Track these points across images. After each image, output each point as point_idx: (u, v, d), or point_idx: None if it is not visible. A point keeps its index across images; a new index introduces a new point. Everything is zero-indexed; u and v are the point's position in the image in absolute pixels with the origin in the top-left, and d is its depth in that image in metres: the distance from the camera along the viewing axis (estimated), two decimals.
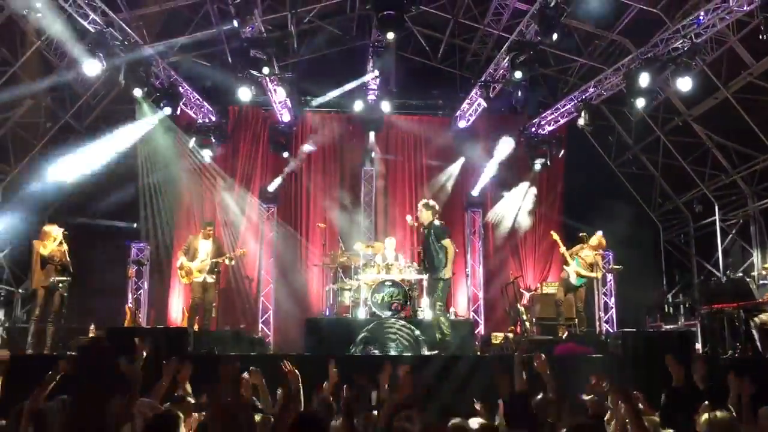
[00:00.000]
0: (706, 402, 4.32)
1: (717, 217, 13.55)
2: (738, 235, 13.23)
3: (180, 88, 12.05)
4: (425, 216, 9.12)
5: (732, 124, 12.12)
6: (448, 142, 14.12)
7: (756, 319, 9.20)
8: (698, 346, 10.57)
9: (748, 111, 11.65)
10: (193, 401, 4.82)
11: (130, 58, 10.51)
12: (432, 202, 9.40)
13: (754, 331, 9.19)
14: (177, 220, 13.48)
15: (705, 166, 13.45)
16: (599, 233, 10.67)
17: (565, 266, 10.62)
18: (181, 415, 3.78)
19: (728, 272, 11.11)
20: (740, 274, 10.27)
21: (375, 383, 5.20)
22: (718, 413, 4.00)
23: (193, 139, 12.81)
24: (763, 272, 9.88)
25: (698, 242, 14.41)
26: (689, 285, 14.05)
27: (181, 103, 12.17)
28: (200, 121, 13.08)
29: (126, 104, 12.46)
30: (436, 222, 9.08)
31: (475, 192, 14.26)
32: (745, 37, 10.62)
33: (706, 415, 3.95)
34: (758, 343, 9.15)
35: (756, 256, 12.39)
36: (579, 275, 10.45)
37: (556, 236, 11.02)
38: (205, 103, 12.99)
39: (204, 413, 4.39)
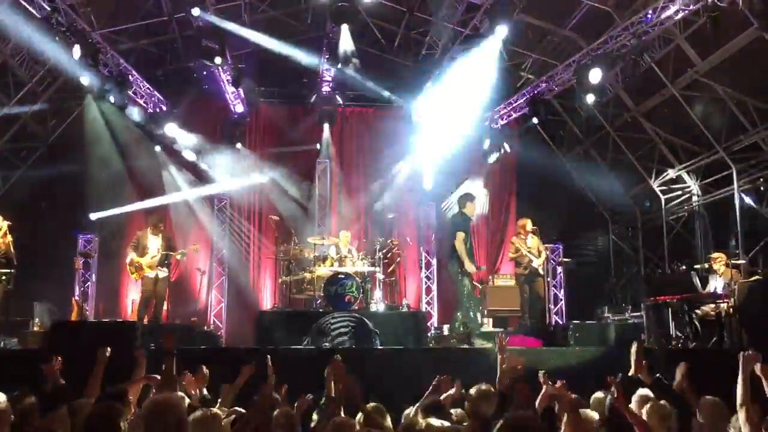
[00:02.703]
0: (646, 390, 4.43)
1: (663, 210, 13.88)
2: (683, 228, 13.58)
3: (130, 77, 11.80)
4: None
5: (679, 120, 12.42)
6: (402, 135, 14.13)
7: (698, 311, 9.47)
8: (643, 336, 10.84)
9: (693, 108, 11.94)
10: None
11: (78, 44, 10.25)
12: (464, 193, 9.46)
13: (696, 323, 9.46)
14: (127, 210, 13.22)
15: (652, 161, 13.76)
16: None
17: (535, 258, 10.58)
18: (122, 409, 3.72)
19: (673, 265, 11.38)
20: (684, 267, 10.53)
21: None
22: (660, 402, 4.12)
23: (144, 129, 12.60)
24: (706, 265, 10.16)
25: (645, 235, 14.74)
26: (636, 277, 14.36)
27: (130, 92, 11.94)
28: (150, 110, 12.83)
29: (74, 92, 12.16)
30: (455, 213, 9.15)
31: (428, 185, 14.32)
32: (692, 35, 10.87)
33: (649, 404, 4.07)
34: (700, 334, 9.42)
35: (700, 250, 12.74)
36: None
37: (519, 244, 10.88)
38: (156, 93, 12.76)
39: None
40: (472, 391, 4.45)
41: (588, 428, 3.49)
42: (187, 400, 4.40)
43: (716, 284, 9.71)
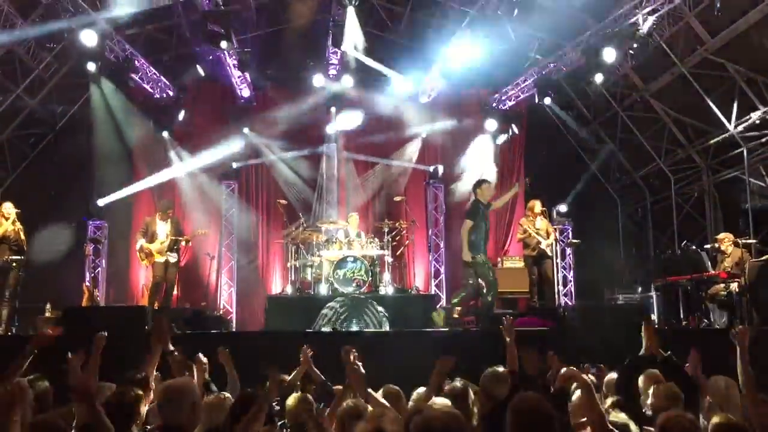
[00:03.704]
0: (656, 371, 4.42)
1: (673, 191, 13.81)
2: (693, 208, 13.51)
3: (136, 62, 11.78)
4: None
5: (689, 99, 12.31)
6: (409, 117, 14.06)
7: (709, 291, 9.45)
8: (654, 317, 10.84)
9: (703, 86, 11.83)
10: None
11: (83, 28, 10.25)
12: (477, 180, 9.40)
13: (706, 303, 9.45)
14: (135, 196, 13.25)
15: (662, 141, 13.67)
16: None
17: (544, 239, 10.57)
18: (142, 394, 3.75)
19: (683, 245, 11.34)
20: (694, 247, 10.49)
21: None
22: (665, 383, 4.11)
23: (151, 114, 12.60)
24: (716, 245, 10.12)
25: (655, 216, 14.69)
26: (646, 258, 14.33)
27: (137, 78, 11.92)
28: (157, 95, 12.82)
29: (80, 78, 12.15)
30: (471, 201, 9.18)
31: (436, 167, 14.28)
32: (701, 12, 10.75)
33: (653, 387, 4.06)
34: (711, 314, 9.42)
35: (709, 229, 12.68)
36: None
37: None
38: (162, 78, 12.73)
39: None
40: (486, 373, 4.45)
41: (601, 411, 3.48)
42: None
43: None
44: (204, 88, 13.68)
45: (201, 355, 4.77)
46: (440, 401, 3.93)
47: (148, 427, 3.90)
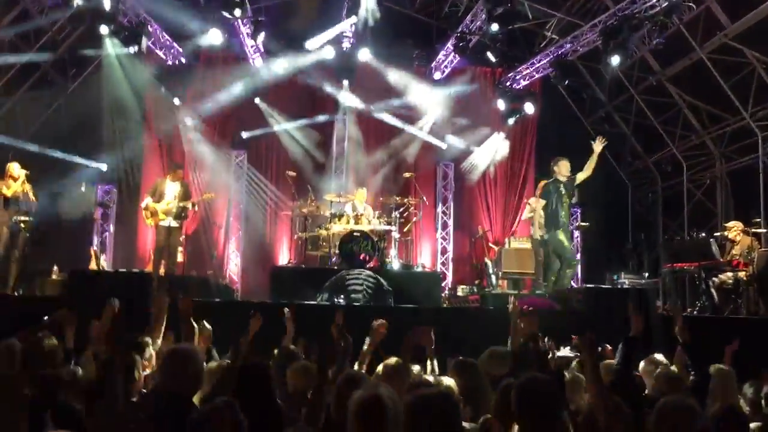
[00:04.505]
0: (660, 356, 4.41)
1: (685, 177, 13.70)
2: (704, 195, 13.41)
3: (149, 27, 11.71)
4: None
5: (705, 85, 12.15)
6: (422, 93, 13.95)
7: (715, 278, 9.41)
8: (659, 303, 10.81)
9: (721, 72, 11.67)
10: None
11: None
12: (555, 158, 9.73)
13: (712, 290, 9.41)
14: (145, 162, 13.27)
15: (676, 127, 13.53)
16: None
17: None
18: (138, 358, 3.77)
19: (692, 232, 11.28)
20: (703, 235, 10.42)
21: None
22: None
23: (163, 80, 12.57)
24: (726, 233, 10.05)
25: (665, 202, 14.60)
26: (654, 243, 14.26)
27: (149, 43, 11.86)
28: (170, 62, 12.77)
29: (93, 41, 12.08)
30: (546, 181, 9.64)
31: (447, 145, 14.21)
32: None
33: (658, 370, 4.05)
34: (716, 302, 9.38)
35: (720, 217, 12.59)
36: None
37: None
38: (175, 44, 12.66)
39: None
40: (485, 353, 4.45)
41: (603, 385, 3.47)
42: None
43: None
44: (216, 56, 13.60)
45: (205, 323, 4.80)
46: (447, 381, 3.94)
47: (144, 391, 3.92)
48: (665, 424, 2.99)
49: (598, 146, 9.50)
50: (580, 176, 9.64)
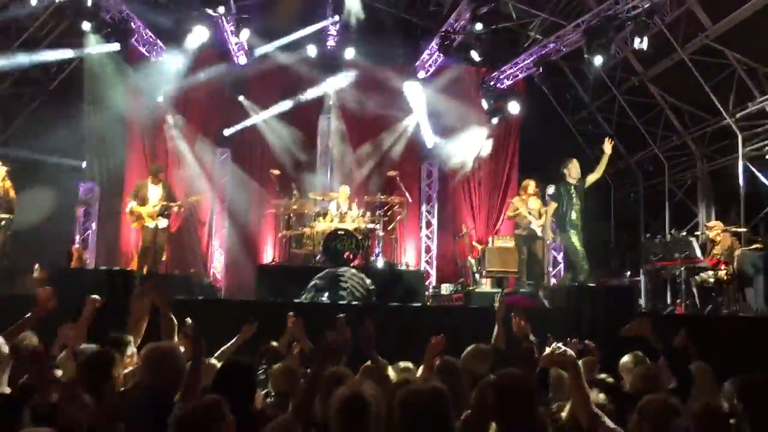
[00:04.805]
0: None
1: (667, 177, 13.82)
2: (685, 195, 13.52)
3: (132, 24, 11.63)
4: None
5: (687, 85, 12.25)
6: (406, 93, 13.96)
7: (697, 277, 9.50)
8: (641, 301, 10.91)
9: (702, 73, 11.77)
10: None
11: None
12: (564, 161, 9.61)
13: (694, 289, 9.50)
14: (127, 160, 13.15)
15: (658, 127, 13.63)
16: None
17: (535, 219, 10.50)
18: (118, 356, 3.75)
19: (673, 231, 11.37)
20: (684, 234, 10.52)
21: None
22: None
23: (146, 78, 12.48)
24: (707, 233, 10.17)
25: (647, 201, 14.71)
26: (636, 242, 14.36)
27: (132, 40, 11.77)
28: (153, 59, 12.68)
29: (75, 38, 11.98)
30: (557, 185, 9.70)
31: (431, 144, 14.24)
32: None
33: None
34: (697, 301, 9.47)
35: (701, 217, 12.72)
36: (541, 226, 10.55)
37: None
38: (159, 41, 12.57)
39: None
40: (467, 350, 4.46)
41: (586, 392, 3.47)
42: None
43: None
44: (200, 54, 13.49)
45: (189, 320, 4.78)
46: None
47: (123, 389, 3.90)
48: (647, 422, 3.02)
49: (608, 147, 9.44)
50: (591, 178, 9.58)
